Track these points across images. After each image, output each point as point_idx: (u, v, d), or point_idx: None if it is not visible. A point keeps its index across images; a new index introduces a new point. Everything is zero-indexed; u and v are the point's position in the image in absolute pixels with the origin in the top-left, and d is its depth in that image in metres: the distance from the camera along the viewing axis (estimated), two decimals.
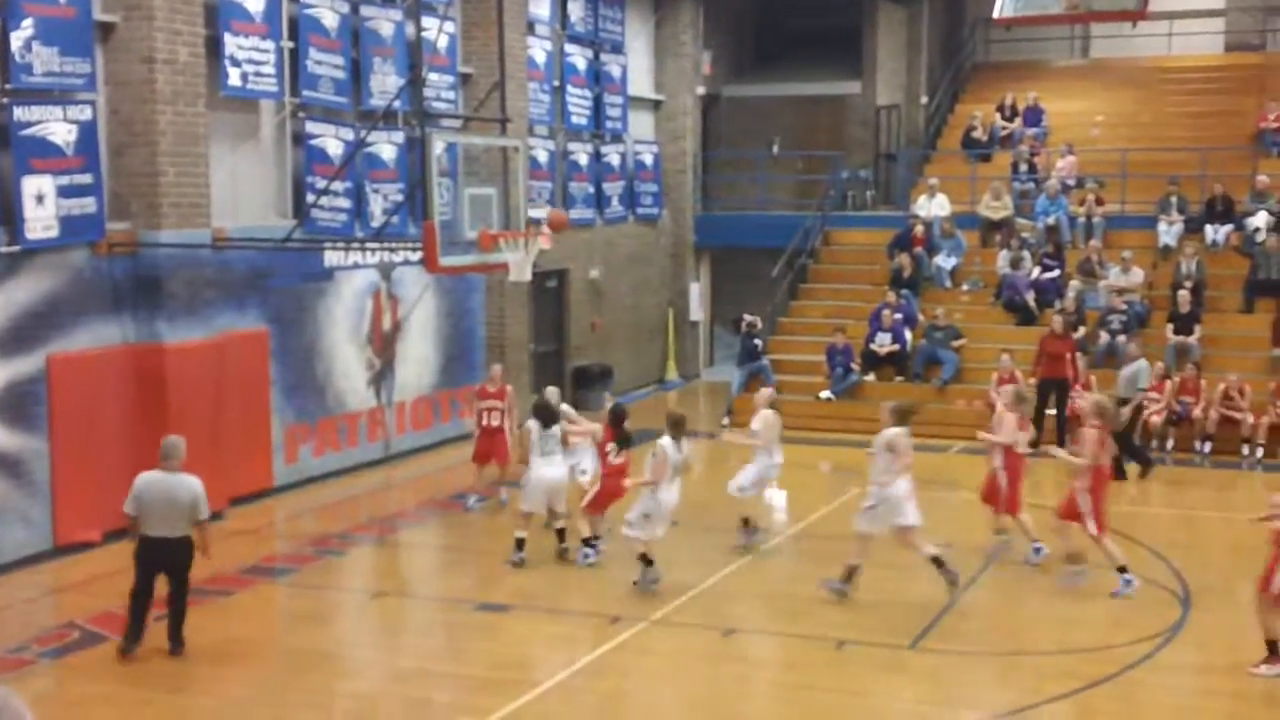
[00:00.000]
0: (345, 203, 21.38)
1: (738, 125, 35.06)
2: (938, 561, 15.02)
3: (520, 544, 16.60)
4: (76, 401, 17.11)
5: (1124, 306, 25.52)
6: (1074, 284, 26.56)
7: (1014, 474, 17.06)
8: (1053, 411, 23.51)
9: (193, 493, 13.35)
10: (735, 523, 17.59)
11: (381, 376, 22.70)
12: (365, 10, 21.91)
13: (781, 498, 19.45)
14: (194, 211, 18.32)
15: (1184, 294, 25.19)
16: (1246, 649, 13.82)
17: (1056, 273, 27.14)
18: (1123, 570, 15.57)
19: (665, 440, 15.54)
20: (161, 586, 13.60)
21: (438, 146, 17.42)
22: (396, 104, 21.01)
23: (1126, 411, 21.65)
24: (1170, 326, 25.08)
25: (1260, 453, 23.16)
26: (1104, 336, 25.19)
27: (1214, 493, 21.88)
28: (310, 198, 20.33)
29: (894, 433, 15.47)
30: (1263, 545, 18.21)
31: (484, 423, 19.45)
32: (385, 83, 22.05)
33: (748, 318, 27.21)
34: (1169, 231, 27.60)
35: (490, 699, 12.42)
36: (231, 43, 19.14)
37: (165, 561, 13.48)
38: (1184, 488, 22.12)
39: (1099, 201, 28.66)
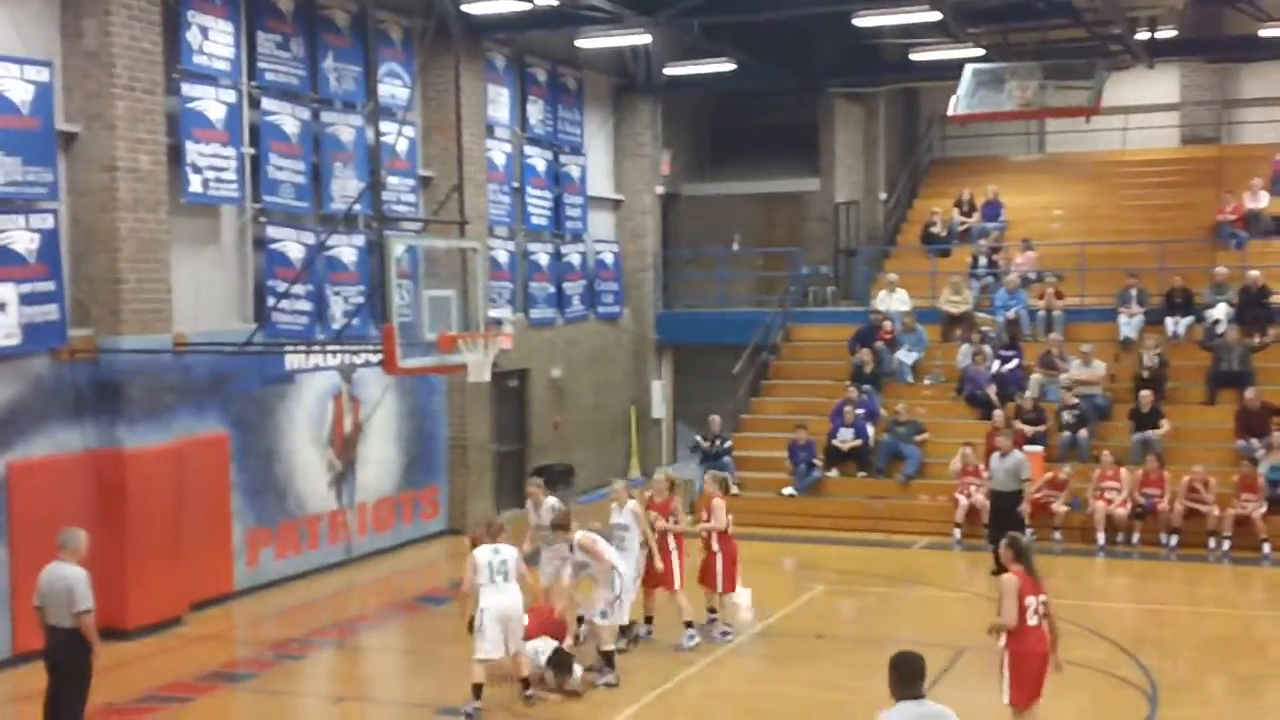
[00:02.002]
0: (306, 305, 21.40)
1: (697, 223, 35.24)
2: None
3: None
4: (36, 508, 16.96)
5: (1075, 401, 25.61)
6: (1035, 377, 26.68)
7: (729, 555, 17.83)
8: None
9: (67, 582, 13.12)
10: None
11: (343, 478, 22.60)
12: (326, 116, 22.06)
13: (747, 596, 19.38)
14: (155, 317, 18.32)
15: (1145, 394, 25.26)
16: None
17: (1015, 362, 27.28)
18: (689, 625, 17.25)
19: (477, 550, 15.03)
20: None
21: (397, 249, 17.47)
22: (357, 207, 21.09)
23: (1025, 508, 21.72)
24: (1132, 425, 25.14)
25: (1227, 545, 23.09)
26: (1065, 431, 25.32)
27: (1181, 586, 21.89)
28: (271, 301, 20.35)
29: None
30: (1233, 639, 18.39)
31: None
32: (346, 187, 22.15)
33: (701, 442, 27.08)
34: (1129, 324, 27.73)
35: None
36: (193, 150, 19.23)
37: (52, 653, 13.31)
38: (1151, 581, 22.12)
39: (1058, 295, 28.86)
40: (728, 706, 15.41)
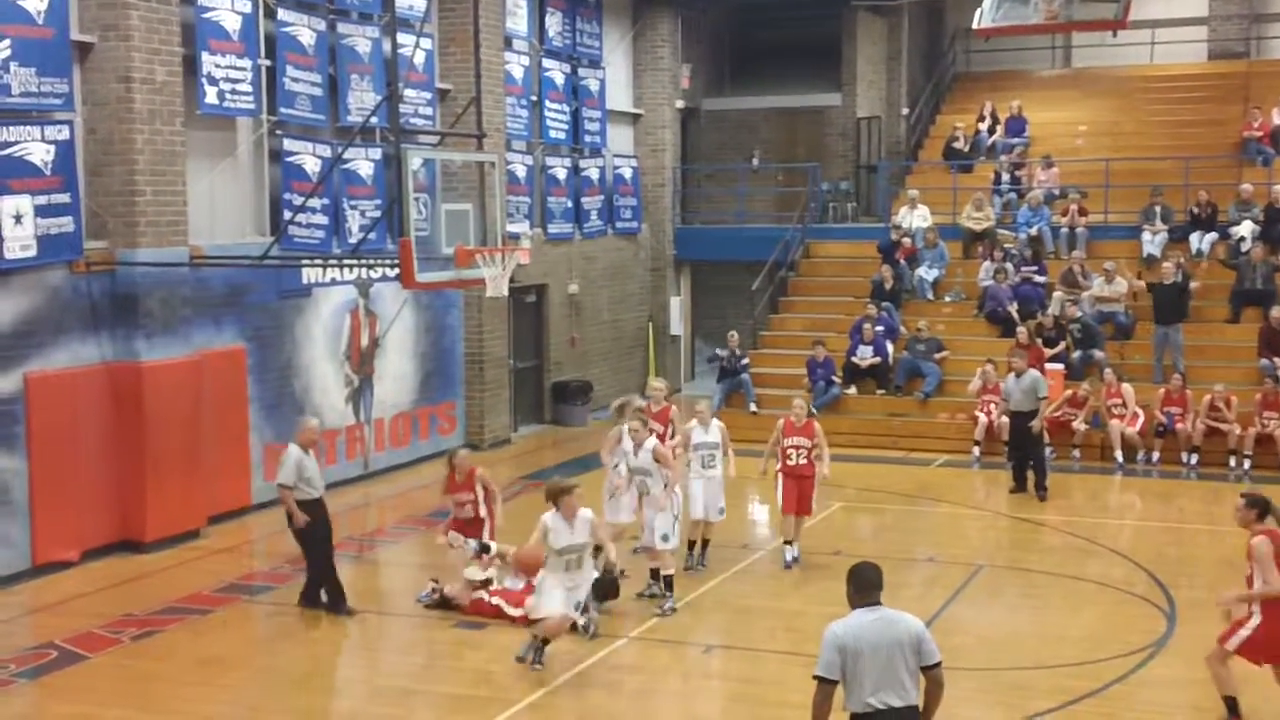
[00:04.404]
0: (322, 219, 21.30)
1: (717, 138, 35.03)
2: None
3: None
4: (54, 420, 17.02)
5: (1078, 315, 25.47)
6: (1057, 295, 26.51)
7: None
8: None
9: (283, 456, 15.66)
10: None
11: (360, 393, 22.60)
12: (342, 27, 21.88)
13: (763, 512, 19.37)
14: (171, 230, 18.24)
15: (1168, 266, 25.39)
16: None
17: (1043, 279, 27.11)
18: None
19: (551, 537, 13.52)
20: None
21: (414, 162, 17.35)
22: (374, 120, 20.94)
23: (1037, 424, 21.55)
24: (1155, 327, 25.04)
25: (1248, 464, 23.03)
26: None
27: (1201, 505, 21.82)
28: (287, 214, 20.26)
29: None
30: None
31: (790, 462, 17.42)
32: (362, 99, 22.00)
33: (721, 353, 27.03)
34: (1153, 241, 27.53)
35: (468, 716, 12.38)
36: (209, 61, 19.09)
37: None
38: (1170, 500, 22.05)
39: (1082, 211, 28.62)
40: (745, 621, 15.41)
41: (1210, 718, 12.37)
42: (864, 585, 8.66)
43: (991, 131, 32.94)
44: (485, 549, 15.21)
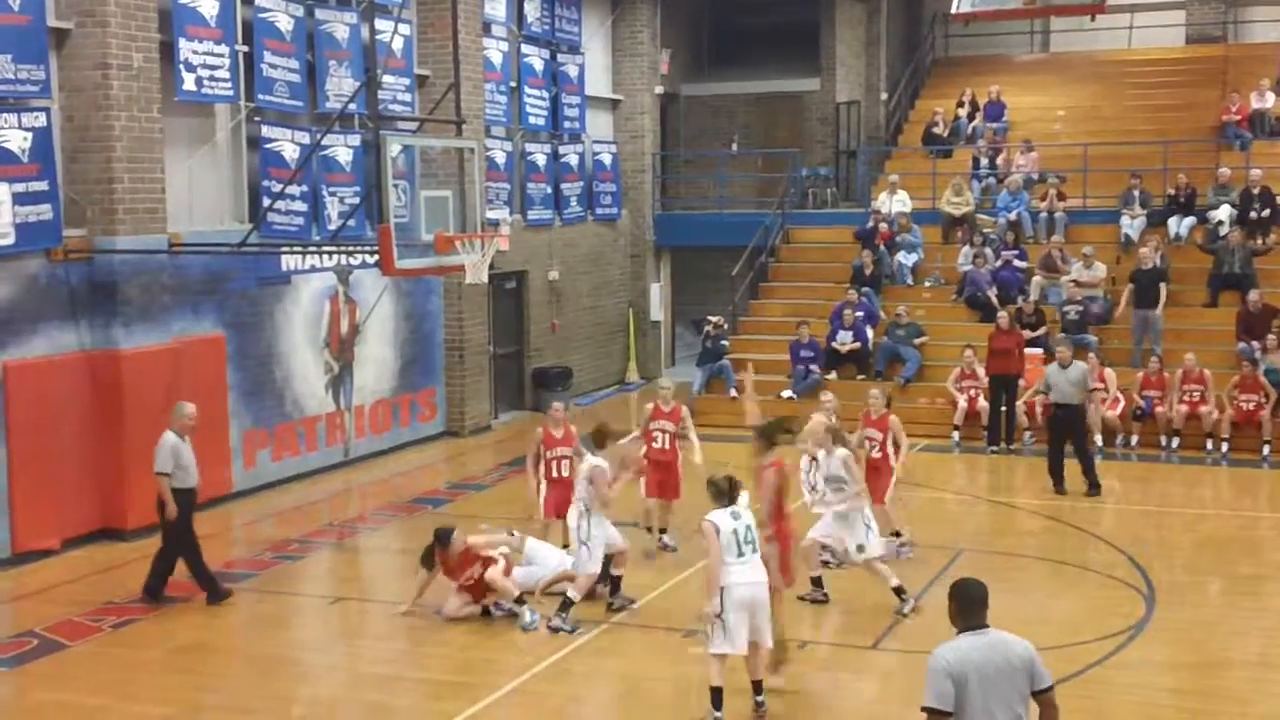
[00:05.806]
0: (301, 206, 21.24)
1: (697, 124, 35.04)
2: None
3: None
4: (33, 409, 16.97)
5: (1080, 298, 25.46)
6: (1036, 280, 26.54)
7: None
8: (1004, 408, 23.60)
9: (159, 443, 15.32)
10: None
11: (340, 380, 22.55)
12: (320, 13, 21.79)
13: (745, 498, 19.31)
14: (149, 217, 18.20)
15: (1145, 252, 25.49)
16: (1212, 646, 13.87)
17: (1023, 263, 27.14)
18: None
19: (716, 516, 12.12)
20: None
21: (393, 149, 17.31)
22: (352, 106, 20.89)
23: (1094, 415, 21.49)
24: (1130, 289, 25.14)
25: (1225, 448, 23.14)
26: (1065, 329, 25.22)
27: (1180, 489, 21.84)
28: (266, 201, 20.21)
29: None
30: (1231, 541, 18.37)
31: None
32: (341, 85, 21.93)
33: (712, 319, 27.10)
34: (1131, 225, 27.59)
35: (450, 703, 12.37)
36: (186, 48, 19.00)
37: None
38: (1150, 483, 22.08)
39: (1061, 196, 28.66)
40: None
41: (1190, 700, 12.48)
42: (970, 604, 7.75)
43: (971, 116, 32.99)
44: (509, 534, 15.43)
